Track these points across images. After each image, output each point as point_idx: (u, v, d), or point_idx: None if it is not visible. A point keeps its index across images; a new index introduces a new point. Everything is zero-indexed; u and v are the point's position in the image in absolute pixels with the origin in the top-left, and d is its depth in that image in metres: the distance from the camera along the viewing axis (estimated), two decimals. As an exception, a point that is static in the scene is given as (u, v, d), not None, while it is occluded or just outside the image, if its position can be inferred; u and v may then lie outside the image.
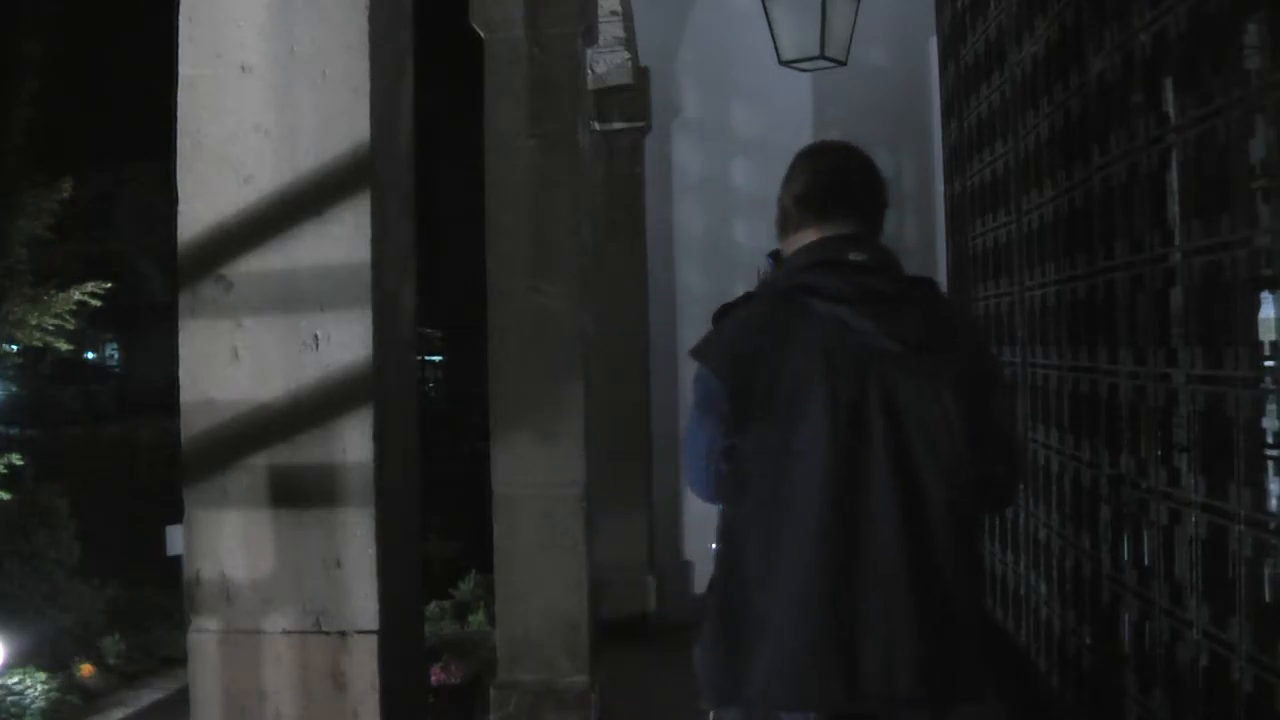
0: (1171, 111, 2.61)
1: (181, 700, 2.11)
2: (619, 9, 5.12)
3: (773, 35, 5.02)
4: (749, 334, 1.93)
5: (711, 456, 1.94)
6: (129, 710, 4.83)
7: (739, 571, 1.91)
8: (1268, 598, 2.18)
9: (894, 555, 1.82)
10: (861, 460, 1.83)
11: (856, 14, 4.97)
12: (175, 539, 4.98)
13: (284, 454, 1.87)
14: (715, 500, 1.99)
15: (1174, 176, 2.58)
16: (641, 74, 5.72)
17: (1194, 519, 2.47)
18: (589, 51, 4.56)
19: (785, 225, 2.06)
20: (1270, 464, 2.18)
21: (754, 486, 1.89)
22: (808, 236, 2.01)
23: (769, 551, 1.87)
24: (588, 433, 3.84)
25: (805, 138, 6.02)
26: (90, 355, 20.43)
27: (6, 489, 5.18)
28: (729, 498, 1.95)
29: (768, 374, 1.87)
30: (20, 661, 4.72)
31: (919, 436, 1.84)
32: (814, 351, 1.86)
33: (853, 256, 1.93)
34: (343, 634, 1.85)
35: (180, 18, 1.93)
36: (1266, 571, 2.19)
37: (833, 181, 2.03)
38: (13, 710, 4.42)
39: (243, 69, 1.90)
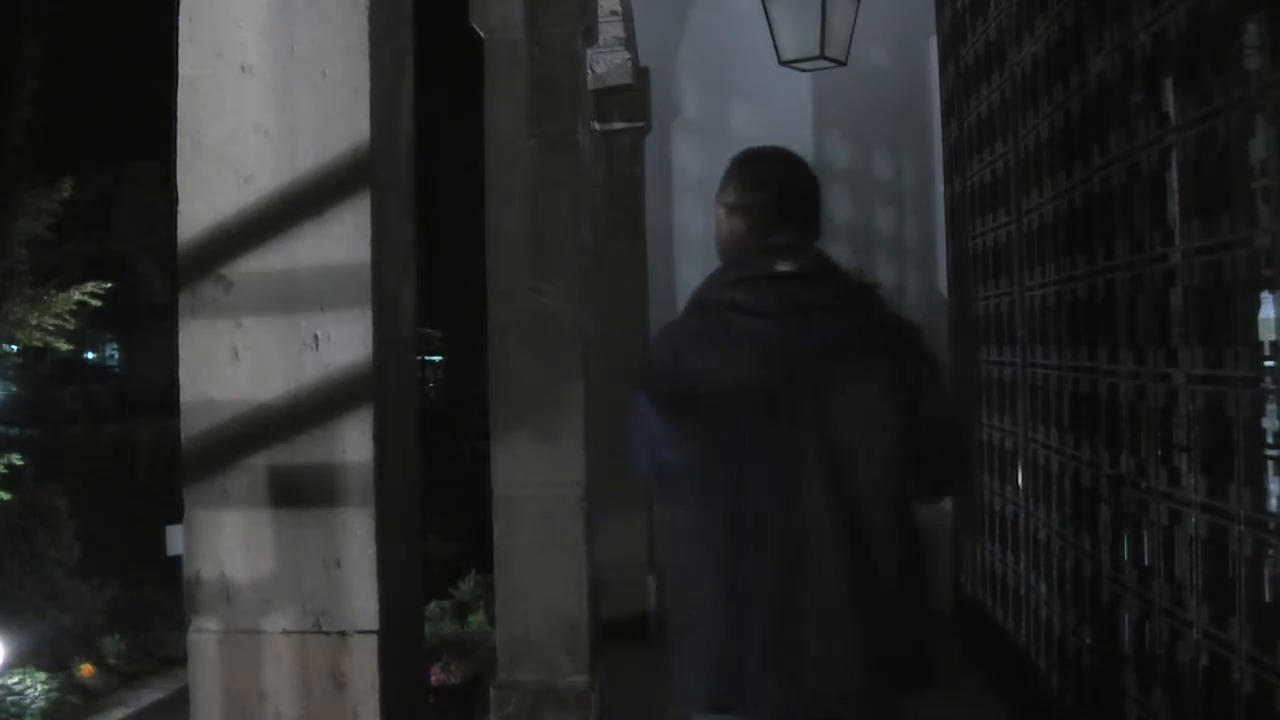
0: (1171, 111, 2.61)
1: (181, 700, 2.10)
2: (619, 9, 5.11)
3: (773, 35, 5.02)
4: (679, 352, 1.97)
5: (654, 468, 2.01)
6: (129, 710, 4.82)
7: (693, 580, 1.96)
8: (1268, 598, 2.18)
9: (833, 556, 1.86)
10: (796, 468, 1.87)
11: (856, 14, 4.96)
12: (175, 539, 4.97)
13: (284, 454, 1.87)
14: (661, 495, 2.10)
15: (1174, 176, 2.59)
16: (641, 74, 5.71)
17: (1194, 519, 2.48)
18: (589, 51, 4.56)
19: (720, 235, 2.08)
20: (1270, 464, 2.18)
21: (696, 498, 1.94)
22: (742, 245, 2.02)
23: (713, 560, 1.91)
24: (588, 433, 3.84)
25: (805, 138, 6.02)
26: (90, 355, 20.44)
27: (6, 489, 5.17)
28: (669, 502, 2.02)
29: (699, 391, 1.92)
30: (20, 661, 4.72)
31: (853, 439, 1.88)
32: (743, 368, 1.90)
33: (780, 268, 1.94)
34: (343, 634, 1.85)
35: (180, 18, 1.93)
36: (1266, 571, 2.19)
37: (764, 190, 2.03)
38: (13, 710, 4.42)
39: (243, 69, 1.90)
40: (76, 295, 5.38)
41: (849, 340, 1.91)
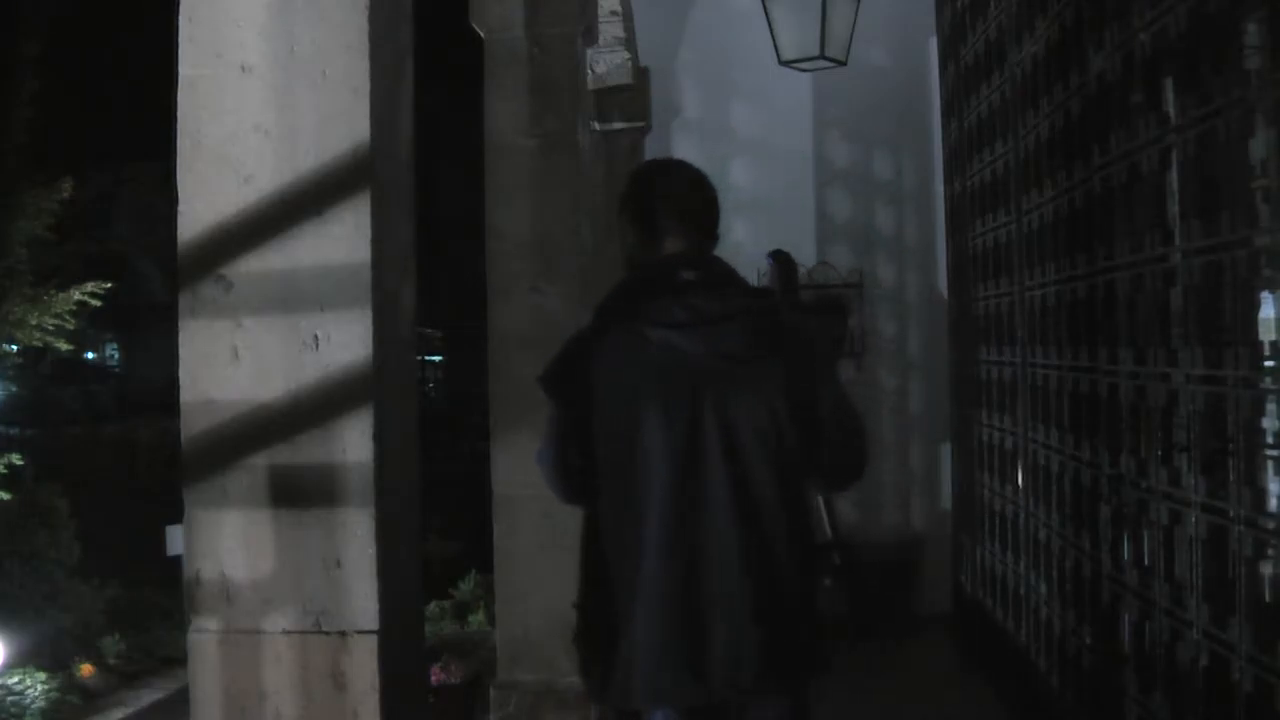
0: (1171, 111, 2.61)
1: (181, 700, 2.11)
2: (619, 9, 5.12)
3: (773, 35, 5.02)
4: (587, 361, 2.04)
5: (561, 470, 2.11)
6: (129, 710, 4.82)
7: (604, 576, 2.03)
8: (1268, 598, 2.18)
9: (733, 554, 1.95)
10: (699, 468, 1.96)
11: (856, 14, 4.97)
12: (175, 539, 4.97)
13: (284, 454, 1.87)
14: (568, 501, 2.19)
15: (1174, 176, 2.59)
16: (641, 74, 5.71)
17: (1194, 519, 2.48)
18: (589, 51, 4.56)
19: (623, 244, 2.17)
20: (1270, 464, 2.18)
21: (605, 502, 2.03)
22: (646, 255, 2.11)
23: (621, 556, 2.00)
24: (588, 433, 3.84)
25: (805, 138, 6.03)
26: (90, 355, 20.44)
27: (6, 489, 5.17)
28: (580, 502, 2.13)
29: (608, 398, 2.00)
30: (20, 661, 4.72)
31: (752, 442, 1.97)
32: (649, 374, 1.98)
33: (684, 275, 2.02)
34: (343, 634, 1.85)
35: (180, 18, 1.93)
36: (1266, 571, 2.19)
37: (666, 202, 2.11)
38: (13, 710, 4.42)
39: (243, 69, 1.90)
40: (76, 295, 5.38)
41: (749, 345, 2.00)
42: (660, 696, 1.97)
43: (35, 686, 4.56)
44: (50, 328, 5.36)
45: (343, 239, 1.87)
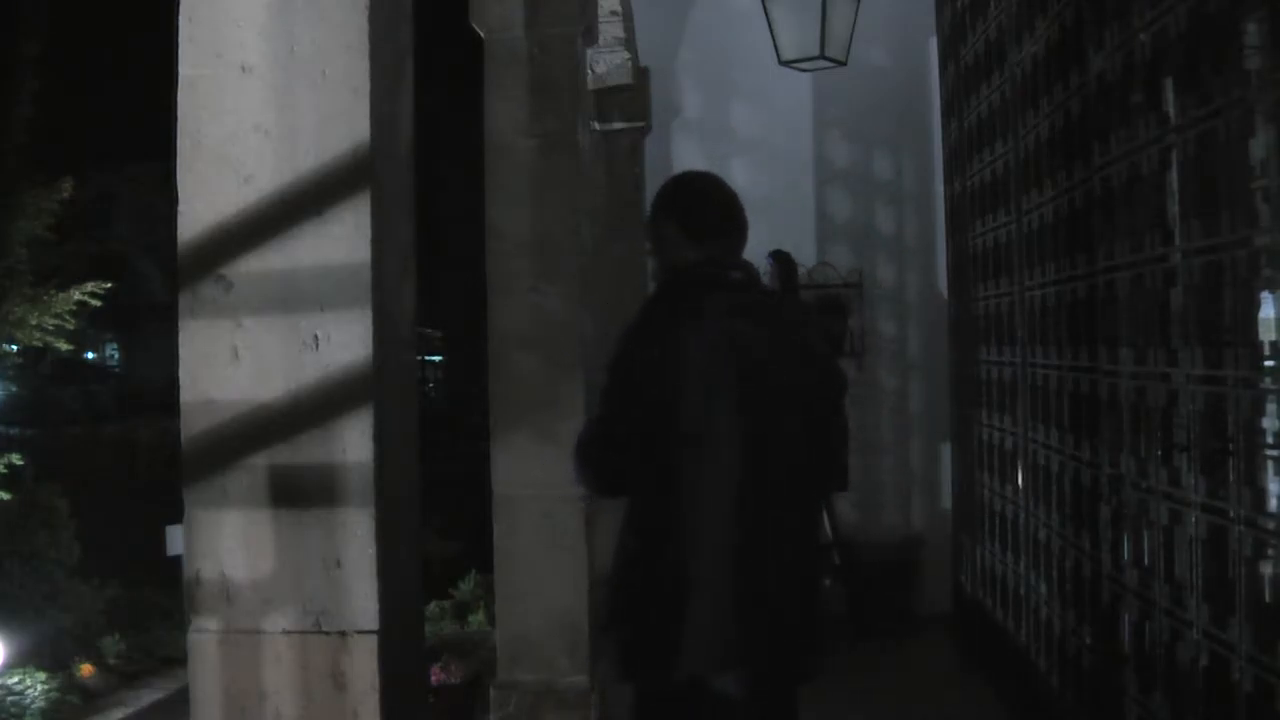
0: (1171, 111, 2.61)
1: (181, 700, 2.11)
2: (619, 9, 5.12)
3: (773, 35, 5.02)
4: (658, 345, 2.15)
5: (613, 459, 2.19)
6: (129, 710, 4.82)
7: (664, 556, 2.12)
8: (1268, 598, 2.18)
9: (785, 535, 2.12)
10: (760, 453, 2.11)
11: (856, 14, 4.97)
12: (175, 539, 4.97)
13: (284, 454, 1.87)
14: (608, 489, 2.30)
15: (1174, 176, 2.59)
16: (641, 74, 5.71)
17: (1194, 519, 2.48)
18: (589, 51, 4.56)
19: (663, 246, 2.31)
20: (1270, 464, 2.18)
21: (684, 475, 2.11)
22: (687, 257, 2.25)
23: (688, 537, 2.10)
24: (588, 433, 3.83)
25: (805, 138, 6.03)
26: (90, 355, 20.45)
27: (6, 489, 5.17)
28: (618, 492, 2.24)
29: (679, 381, 2.11)
30: (20, 661, 4.71)
31: (795, 430, 2.15)
32: (713, 360, 2.12)
33: (734, 275, 2.23)
34: (343, 634, 1.85)
35: (180, 18, 1.93)
36: (1266, 571, 2.19)
37: (714, 210, 2.31)
38: (13, 710, 4.42)
39: (243, 69, 1.90)
40: (76, 295, 5.38)
41: (788, 341, 2.20)
42: (734, 660, 2.09)
43: (35, 686, 4.56)
44: (50, 328, 5.36)
45: (343, 239, 1.87)
